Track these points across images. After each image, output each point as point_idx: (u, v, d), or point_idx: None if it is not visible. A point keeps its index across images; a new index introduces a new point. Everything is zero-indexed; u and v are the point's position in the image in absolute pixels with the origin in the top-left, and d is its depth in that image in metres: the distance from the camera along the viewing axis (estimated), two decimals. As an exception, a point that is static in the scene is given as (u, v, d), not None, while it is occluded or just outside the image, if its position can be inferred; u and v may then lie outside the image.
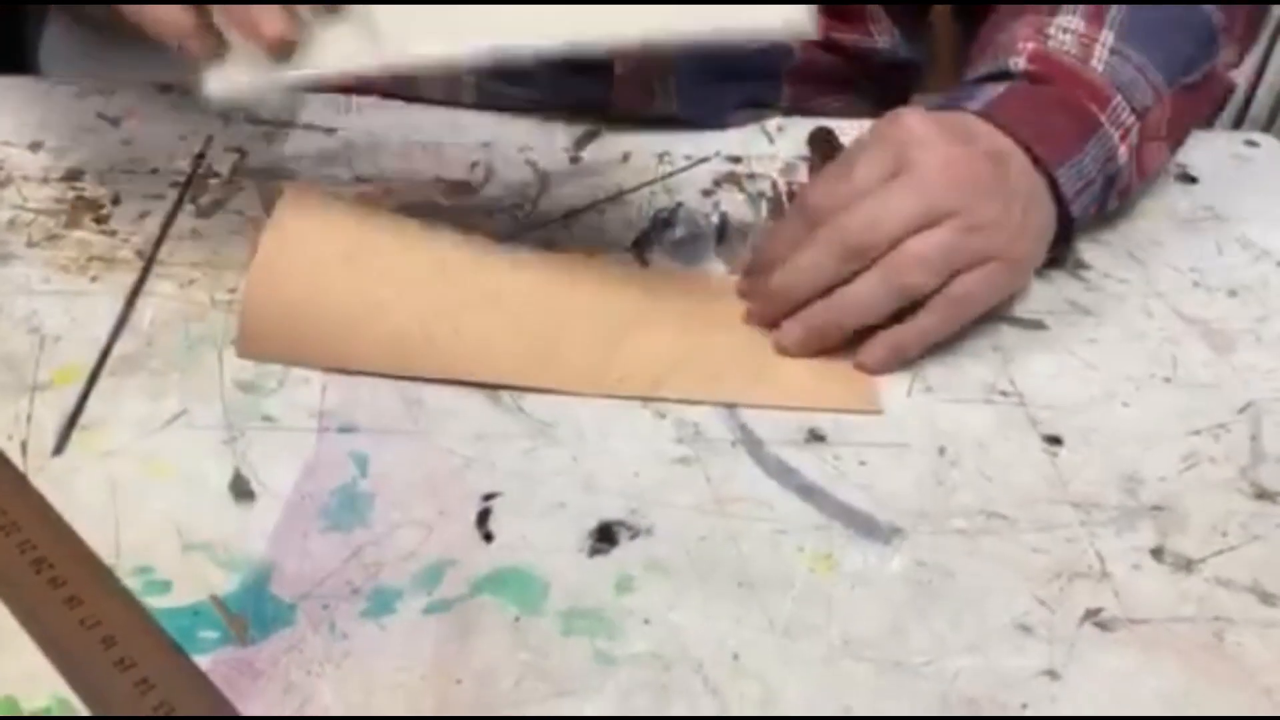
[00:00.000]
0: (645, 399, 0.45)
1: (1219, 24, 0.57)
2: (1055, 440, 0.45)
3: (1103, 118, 0.52)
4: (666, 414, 0.45)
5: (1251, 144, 0.68)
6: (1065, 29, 0.55)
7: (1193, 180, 0.64)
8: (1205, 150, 0.66)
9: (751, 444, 0.44)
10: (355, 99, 0.63)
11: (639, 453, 0.43)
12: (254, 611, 0.36)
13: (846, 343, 0.47)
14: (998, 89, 0.53)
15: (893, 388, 0.47)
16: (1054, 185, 0.50)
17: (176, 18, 0.42)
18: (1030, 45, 0.54)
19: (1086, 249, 0.57)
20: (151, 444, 0.41)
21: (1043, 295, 0.53)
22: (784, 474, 0.43)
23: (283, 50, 0.42)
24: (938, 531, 0.41)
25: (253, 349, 0.45)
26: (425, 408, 0.44)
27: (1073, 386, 0.48)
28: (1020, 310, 0.52)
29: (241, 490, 0.40)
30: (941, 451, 0.44)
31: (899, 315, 0.47)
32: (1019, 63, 0.54)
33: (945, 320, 0.47)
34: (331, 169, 0.57)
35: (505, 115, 0.63)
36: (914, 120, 0.48)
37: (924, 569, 0.39)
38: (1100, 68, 0.53)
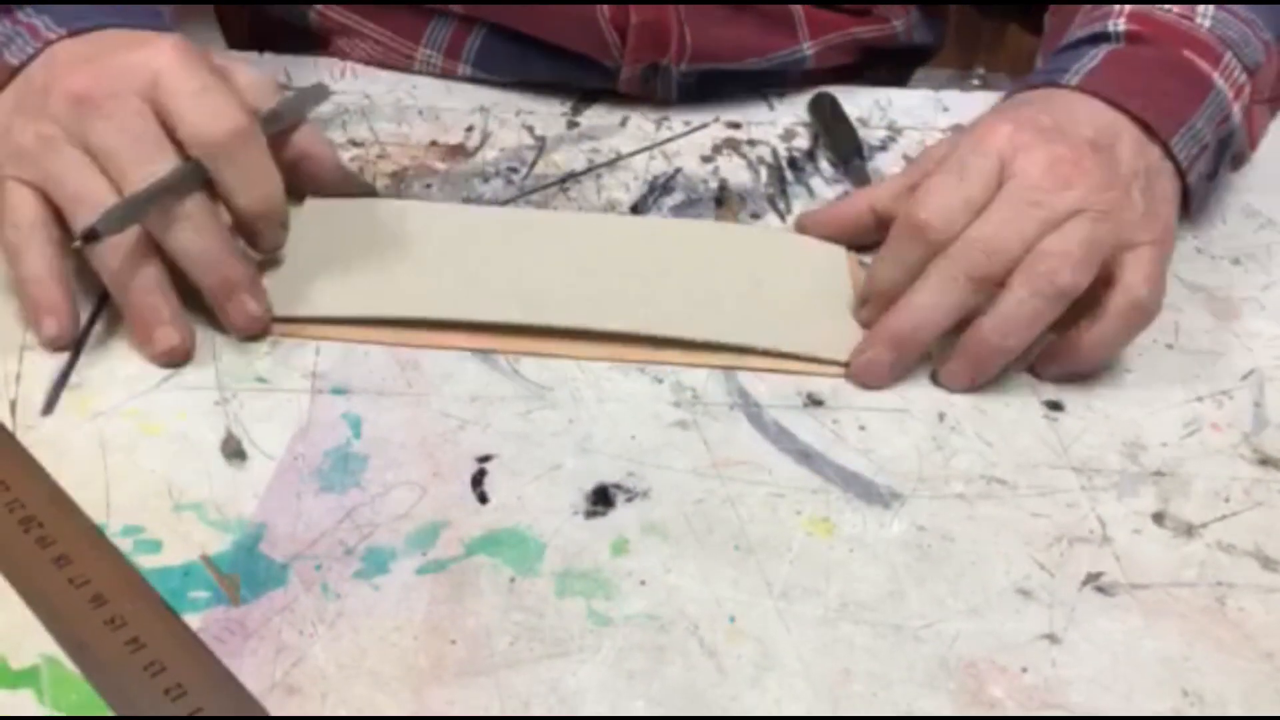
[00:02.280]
0: (645, 362, 0.45)
1: None
2: (1056, 406, 0.45)
3: (1215, 76, 0.49)
4: (664, 378, 0.44)
5: (1256, 113, 0.67)
6: None
7: (1196, 149, 0.63)
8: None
9: (750, 408, 0.43)
10: (350, 65, 0.62)
11: (636, 416, 0.42)
12: (245, 571, 0.36)
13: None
14: (1095, 56, 0.50)
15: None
16: (1169, 153, 0.48)
17: (44, 279, 0.41)
18: (1128, 6, 0.51)
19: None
20: (143, 404, 0.41)
21: (1045, 262, 0.52)
22: (782, 438, 0.42)
23: (170, 361, 0.42)
24: (937, 496, 0.40)
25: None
26: (420, 370, 0.43)
27: (1074, 352, 0.47)
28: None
29: (233, 451, 0.39)
30: (941, 417, 0.44)
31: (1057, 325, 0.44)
32: (1118, 24, 0.51)
33: (1128, 331, 0.44)
34: (326, 133, 0.57)
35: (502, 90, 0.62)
36: (1008, 127, 0.45)
37: (923, 533, 0.39)
38: (1207, 23, 0.50)
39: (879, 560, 0.38)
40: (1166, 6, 0.51)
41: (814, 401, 0.44)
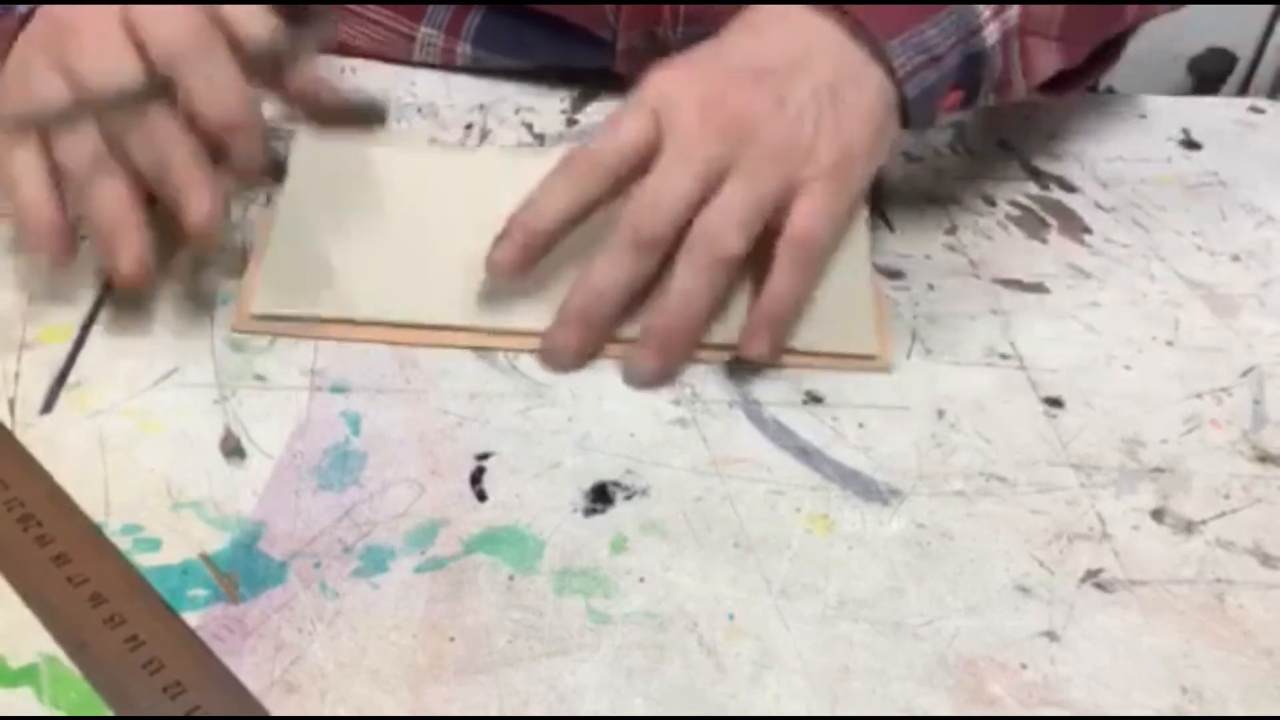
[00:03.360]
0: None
1: None
2: (1055, 402, 0.45)
3: None
4: (663, 375, 0.44)
5: (1257, 110, 0.67)
6: None
7: (1197, 146, 0.63)
8: (1209, 116, 0.65)
9: (749, 405, 0.43)
10: (349, 61, 0.62)
11: (635, 413, 0.42)
12: (244, 570, 0.36)
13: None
14: None
15: (892, 350, 0.46)
16: (883, 58, 0.45)
17: (38, 203, 0.42)
18: None
19: (1088, 213, 0.56)
20: (141, 402, 0.41)
21: (1043, 259, 0.52)
22: (781, 435, 0.42)
23: (130, 286, 0.41)
24: (936, 493, 0.40)
25: (268, 308, 0.44)
26: (419, 368, 0.43)
27: (1073, 349, 0.47)
28: (1021, 273, 0.51)
29: (232, 449, 0.39)
30: (940, 414, 0.44)
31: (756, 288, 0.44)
32: None
33: (800, 270, 0.43)
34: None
35: (501, 79, 0.62)
36: (659, 76, 0.44)
37: (922, 530, 0.39)
38: None
39: (878, 558, 0.38)
40: None
41: (813, 399, 0.44)
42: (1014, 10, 0.48)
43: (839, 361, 0.45)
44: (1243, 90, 1.53)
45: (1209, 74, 1.54)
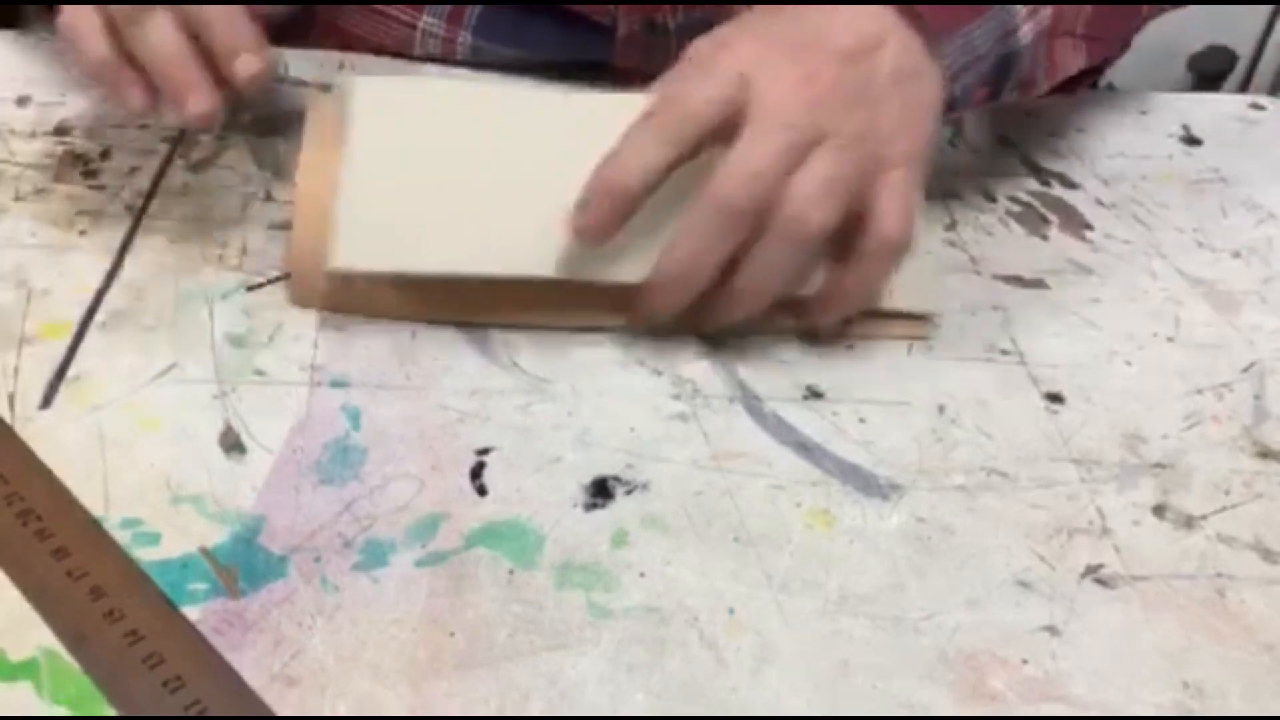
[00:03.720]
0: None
1: None
2: (1056, 398, 0.45)
3: None
4: (663, 371, 0.44)
5: (1257, 107, 0.67)
6: None
7: (1197, 143, 0.63)
8: (1210, 112, 0.66)
9: (749, 400, 0.43)
10: (348, 56, 0.62)
11: (636, 408, 0.42)
12: (244, 564, 0.36)
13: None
14: None
15: (892, 346, 0.46)
16: (938, 56, 0.45)
17: (95, 48, 0.43)
18: None
19: (1089, 210, 0.56)
20: (141, 397, 0.41)
21: (1044, 255, 0.52)
22: (782, 430, 0.42)
23: (200, 125, 0.43)
24: (937, 488, 0.40)
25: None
26: (419, 363, 0.43)
27: (1074, 345, 0.47)
28: (1022, 269, 0.51)
29: (232, 444, 0.39)
30: (941, 409, 0.44)
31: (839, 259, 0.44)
32: None
33: (885, 267, 0.43)
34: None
35: (501, 73, 0.62)
36: (738, 44, 0.43)
37: (923, 525, 0.39)
38: None
39: (879, 552, 0.38)
40: None
41: (814, 394, 0.44)
42: (1047, 11, 0.49)
43: (888, 326, 0.46)
44: (1243, 87, 1.53)
45: (1209, 71, 1.54)
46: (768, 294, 0.43)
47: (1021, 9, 0.48)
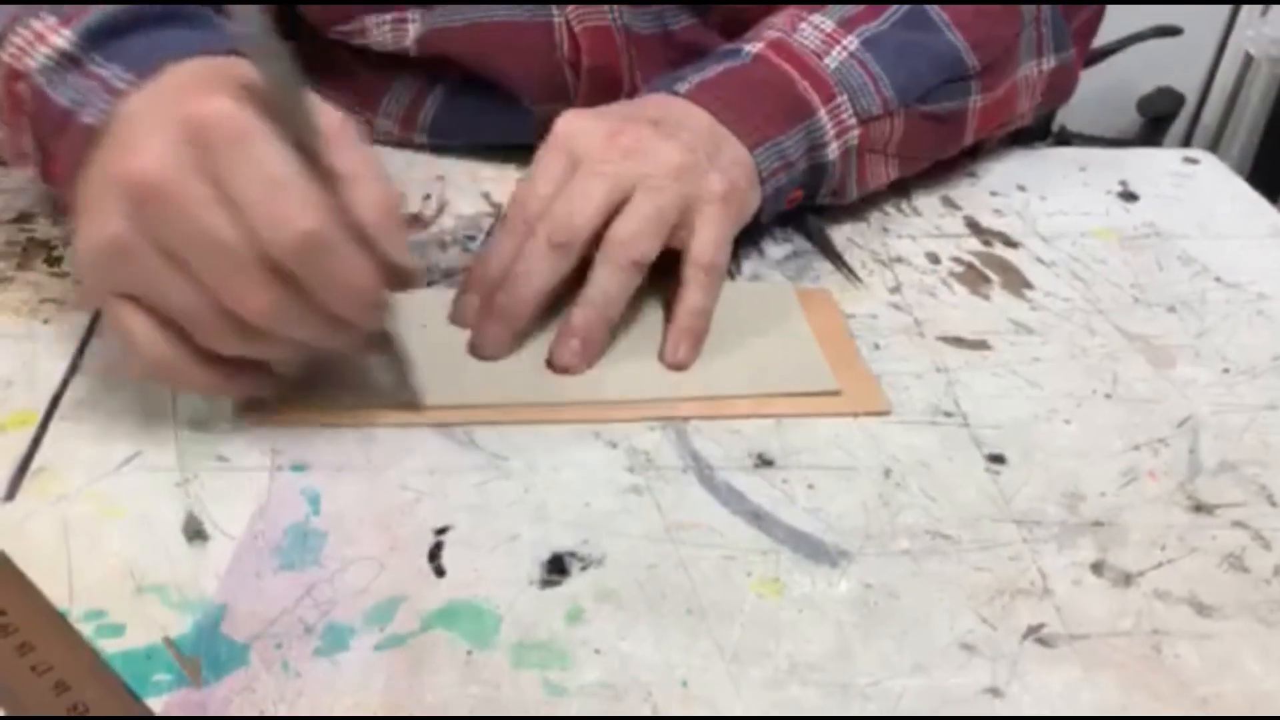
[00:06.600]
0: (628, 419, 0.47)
1: (972, 68, 0.59)
2: (998, 459, 0.46)
3: (821, 111, 0.55)
4: (618, 443, 0.45)
5: (1191, 161, 0.70)
6: (816, 26, 0.57)
7: (1134, 198, 0.65)
8: (1146, 168, 0.68)
9: (702, 470, 0.45)
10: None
11: (591, 482, 0.44)
12: (207, 653, 0.36)
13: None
14: (714, 70, 0.55)
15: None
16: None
17: (165, 356, 0.40)
18: (775, 34, 0.57)
19: (1030, 269, 0.58)
20: (105, 487, 0.42)
21: (986, 316, 0.54)
22: (734, 499, 0.43)
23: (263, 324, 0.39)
24: (883, 553, 0.42)
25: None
26: (377, 443, 0.44)
27: (1016, 405, 0.49)
28: (964, 331, 0.53)
29: (194, 531, 0.40)
30: (887, 473, 0.45)
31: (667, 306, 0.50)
32: (754, 46, 0.56)
33: (706, 286, 0.50)
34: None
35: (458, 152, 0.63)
36: (569, 117, 0.51)
37: (870, 590, 0.40)
38: (832, 65, 0.56)
39: (827, 620, 0.39)
40: (810, 41, 0.56)
41: (764, 462, 0.45)
42: (855, 132, 0.56)
43: (814, 404, 0.48)
44: (1191, 126, 1.57)
45: (1158, 113, 1.58)
46: (606, 321, 0.48)
47: (830, 126, 0.55)
